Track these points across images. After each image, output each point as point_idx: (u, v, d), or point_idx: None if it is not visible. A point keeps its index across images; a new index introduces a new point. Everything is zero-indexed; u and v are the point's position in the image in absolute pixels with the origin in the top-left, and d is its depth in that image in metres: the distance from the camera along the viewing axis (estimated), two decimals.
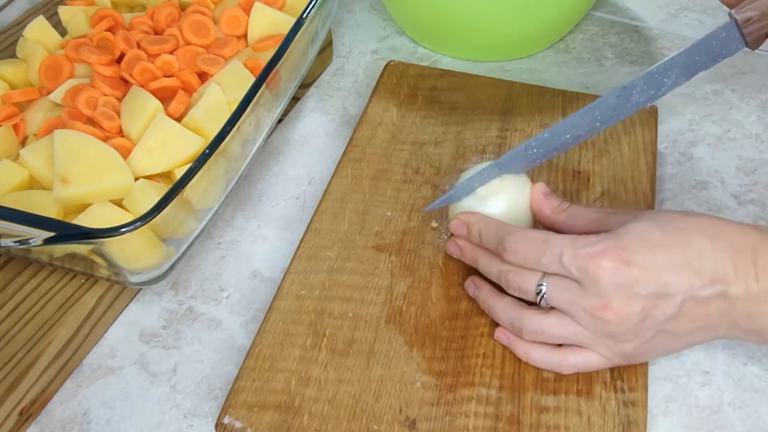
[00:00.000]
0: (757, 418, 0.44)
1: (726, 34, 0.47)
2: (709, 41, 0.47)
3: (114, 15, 0.59)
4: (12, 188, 0.49)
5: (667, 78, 0.48)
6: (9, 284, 0.49)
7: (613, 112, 0.48)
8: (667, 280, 0.40)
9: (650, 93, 0.48)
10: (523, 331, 0.44)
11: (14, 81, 0.57)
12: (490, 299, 0.46)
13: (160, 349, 0.49)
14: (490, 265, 0.46)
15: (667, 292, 0.40)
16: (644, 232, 0.41)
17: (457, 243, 0.48)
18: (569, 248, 0.41)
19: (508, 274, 0.44)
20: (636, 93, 0.48)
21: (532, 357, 0.44)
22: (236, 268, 0.54)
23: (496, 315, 0.46)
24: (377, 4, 0.78)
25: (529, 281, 0.43)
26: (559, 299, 0.42)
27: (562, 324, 0.42)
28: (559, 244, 0.42)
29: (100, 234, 0.42)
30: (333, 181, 0.56)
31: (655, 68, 0.47)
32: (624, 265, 0.40)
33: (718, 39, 0.47)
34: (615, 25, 0.74)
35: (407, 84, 0.63)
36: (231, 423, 0.42)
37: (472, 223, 0.47)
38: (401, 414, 0.43)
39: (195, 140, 0.51)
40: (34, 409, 0.46)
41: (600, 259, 0.40)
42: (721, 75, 0.67)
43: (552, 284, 0.42)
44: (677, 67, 0.47)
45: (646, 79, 0.48)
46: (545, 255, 0.42)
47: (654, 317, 0.40)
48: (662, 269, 0.40)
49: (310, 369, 0.45)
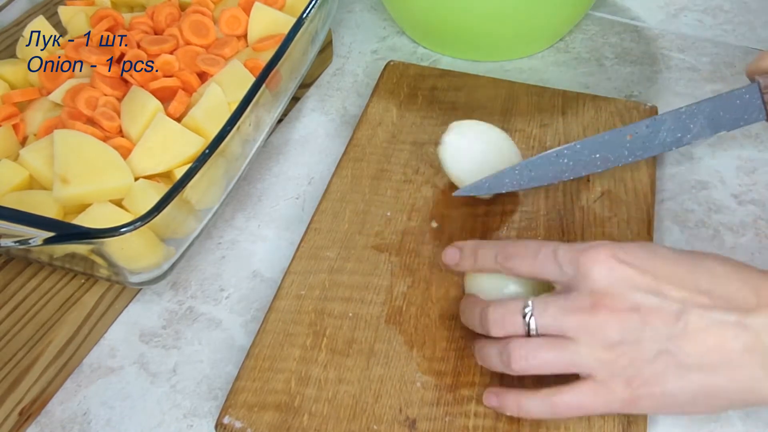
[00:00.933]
0: (757, 418, 0.44)
1: (749, 96, 0.48)
2: (733, 98, 0.48)
3: (114, 15, 0.59)
4: (12, 188, 0.49)
5: (693, 123, 0.49)
6: (9, 284, 0.49)
7: (641, 143, 0.49)
8: (668, 290, 0.36)
9: (676, 135, 0.49)
10: (512, 358, 0.39)
11: (14, 81, 0.57)
12: (479, 342, 0.42)
13: (160, 349, 0.49)
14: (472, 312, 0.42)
15: (668, 301, 0.36)
16: (652, 246, 0.38)
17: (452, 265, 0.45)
18: (564, 245, 0.40)
19: (487, 309, 0.41)
20: (664, 130, 0.49)
21: (524, 407, 0.40)
22: (236, 268, 0.54)
23: (485, 357, 0.41)
24: (377, 4, 0.78)
25: (515, 307, 0.39)
26: (548, 313, 0.38)
27: (553, 344, 0.38)
28: (556, 243, 0.40)
29: (100, 234, 0.42)
30: (333, 181, 0.56)
31: (683, 109, 0.49)
32: (618, 262, 0.37)
33: (742, 99, 0.48)
34: (615, 25, 0.74)
35: (407, 84, 0.63)
36: (231, 423, 0.42)
37: (466, 245, 0.44)
38: (401, 414, 0.43)
39: (195, 140, 0.51)
40: (34, 409, 0.46)
41: (594, 252, 0.38)
42: (721, 75, 0.67)
43: (538, 302, 0.39)
44: (703, 115, 0.48)
45: (674, 117, 0.49)
46: (541, 252, 0.40)
47: (654, 328, 0.36)
48: (662, 278, 0.37)
49: (310, 369, 0.45)
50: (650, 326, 0.36)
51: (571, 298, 0.38)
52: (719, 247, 0.53)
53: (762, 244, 0.53)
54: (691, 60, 0.69)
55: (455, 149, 0.51)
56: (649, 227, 0.51)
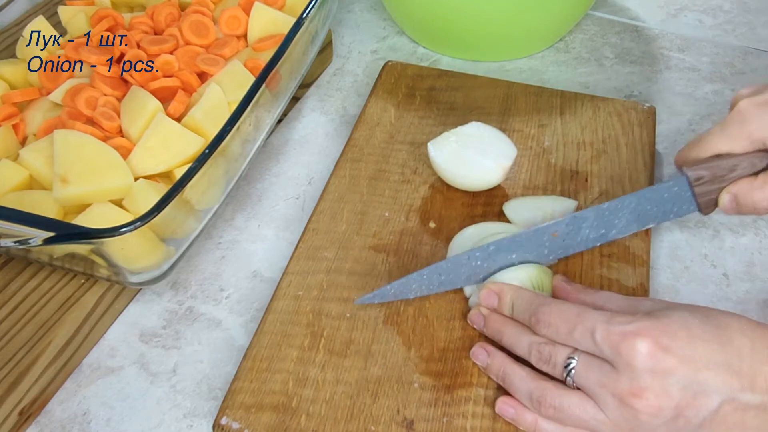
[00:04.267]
0: None
1: (678, 188, 0.46)
2: (661, 192, 0.46)
3: (114, 15, 0.59)
4: (12, 188, 0.49)
5: (617, 219, 0.47)
6: (9, 284, 0.50)
7: (561, 242, 0.47)
8: (706, 378, 0.36)
9: (600, 231, 0.47)
10: (542, 405, 0.40)
11: (14, 81, 0.57)
12: (508, 368, 0.43)
13: (160, 349, 0.49)
14: (519, 337, 0.43)
15: (705, 391, 0.36)
16: (685, 320, 0.38)
17: (482, 313, 0.45)
18: (603, 323, 0.38)
19: (540, 345, 0.41)
20: (586, 227, 0.47)
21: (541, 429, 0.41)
22: (236, 268, 0.54)
23: (512, 385, 0.42)
24: (377, 4, 0.78)
25: (560, 354, 0.40)
26: (588, 378, 0.39)
27: (583, 406, 0.39)
28: (593, 318, 0.39)
29: (100, 234, 0.42)
30: (331, 181, 0.56)
31: (606, 205, 0.47)
32: (662, 351, 0.37)
33: (670, 192, 0.46)
34: (615, 25, 0.74)
35: (405, 84, 0.63)
36: (228, 424, 0.43)
37: (505, 292, 0.44)
38: (399, 415, 0.43)
39: (195, 140, 0.51)
40: (33, 409, 0.46)
41: (635, 339, 0.37)
42: (721, 75, 0.67)
43: (583, 361, 0.39)
44: (628, 210, 0.47)
45: (597, 214, 0.47)
46: (577, 329, 0.39)
47: (687, 417, 0.37)
48: (701, 364, 0.36)
49: (307, 370, 0.45)
50: (684, 417, 0.37)
51: (613, 378, 0.38)
52: (719, 246, 0.53)
53: (762, 244, 0.53)
54: (691, 60, 0.69)
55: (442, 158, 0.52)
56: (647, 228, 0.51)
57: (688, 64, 0.69)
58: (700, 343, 0.37)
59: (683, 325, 0.38)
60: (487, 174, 0.52)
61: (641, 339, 0.37)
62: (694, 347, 0.37)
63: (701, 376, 0.36)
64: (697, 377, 0.36)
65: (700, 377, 0.36)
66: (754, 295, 0.50)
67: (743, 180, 0.45)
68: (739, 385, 0.36)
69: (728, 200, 0.45)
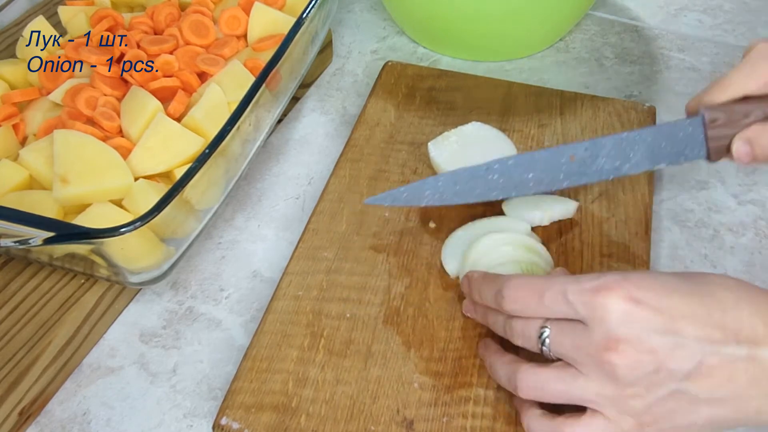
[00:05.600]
0: None
1: (692, 129, 0.46)
2: (676, 130, 0.46)
3: (114, 15, 0.59)
4: (12, 188, 0.49)
5: (632, 153, 0.47)
6: (9, 284, 0.50)
7: (577, 168, 0.47)
8: (684, 328, 0.35)
9: (615, 163, 0.47)
10: (518, 388, 0.39)
11: (14, 81, 0.57)
12: (493, 357, 0.43)
13: (160, 349, 0.50)
14: (496, 319, 0.42)
15: (684, 342, 0.35)
16: (659, 276, 0.37)
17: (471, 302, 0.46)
18: (573, 284, 0.38)
19: (512, 321, 0.41)
20: (603, 155, 0.47)
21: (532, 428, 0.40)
22: (236, 268, 0.54)
23: (495, 374, 0.42)
24: (377, 4, 0.78)
25: (532, 325, 0.39)
26: (563, 343, 0.38)
27: (562, 377, 0.38)
28: (562, 281, 0.38)
29: (100, 234, 0.42)
30: (331, 181, 0.56)
31: (624, 135, 0.47)
32: (634, 302, 0.36)
33: (685, 132, 0.46)
34: (615, 25, 0.74)
35: (405, 84, 0.63)
36: (228, 424, 0.43)
37: (472, 279, 0.44)
38: (398, 415, 0.43)
39: (195, 140, 0.51)
40: (33, 409, 0.46)
41: (607, 292, 0.36)
42: (721, 75, 0.67)
43: (555, 327, 0.38)
44: (644, 144, 0.47)
45: (615, 142, 0.47)
46: (547, 295, 0.38)
47: (669, 370, 0.36)
48: (678, 314, 0.36)
49: (307, 370, 0.45)
50: (665, 368, 0.36)
51: (586, 336, 0.37)
52: (719, 246, 0.53)
53: (762, 244, 0.53)
54: (691, 60, 0.69)
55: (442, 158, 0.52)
56: (647, 227, 0.51)
57: (688, 64, 0.69)
58: (676, 295, 0.36)
59: (658, 279, 0.37)
60: None
61: (613, 292, 0.36)
62: (670, 299, 0.36)
63: (678, 326, 0.35)
64: (674, 327, 0.35)
65: (677, 327, 0.35)
66: None
67: (757, 124, 0.44)
68: (722, 336, 0.35)
69: (742, 144, 0.45)
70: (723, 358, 0.35)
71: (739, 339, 0.35)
